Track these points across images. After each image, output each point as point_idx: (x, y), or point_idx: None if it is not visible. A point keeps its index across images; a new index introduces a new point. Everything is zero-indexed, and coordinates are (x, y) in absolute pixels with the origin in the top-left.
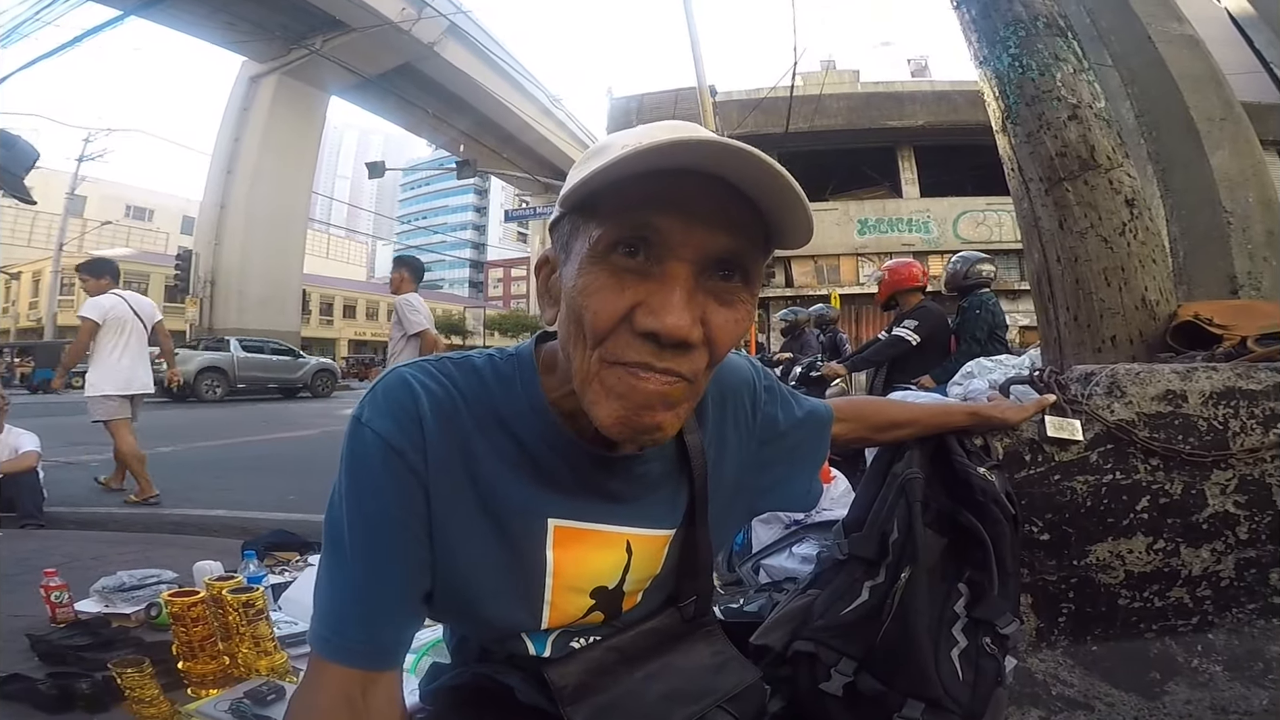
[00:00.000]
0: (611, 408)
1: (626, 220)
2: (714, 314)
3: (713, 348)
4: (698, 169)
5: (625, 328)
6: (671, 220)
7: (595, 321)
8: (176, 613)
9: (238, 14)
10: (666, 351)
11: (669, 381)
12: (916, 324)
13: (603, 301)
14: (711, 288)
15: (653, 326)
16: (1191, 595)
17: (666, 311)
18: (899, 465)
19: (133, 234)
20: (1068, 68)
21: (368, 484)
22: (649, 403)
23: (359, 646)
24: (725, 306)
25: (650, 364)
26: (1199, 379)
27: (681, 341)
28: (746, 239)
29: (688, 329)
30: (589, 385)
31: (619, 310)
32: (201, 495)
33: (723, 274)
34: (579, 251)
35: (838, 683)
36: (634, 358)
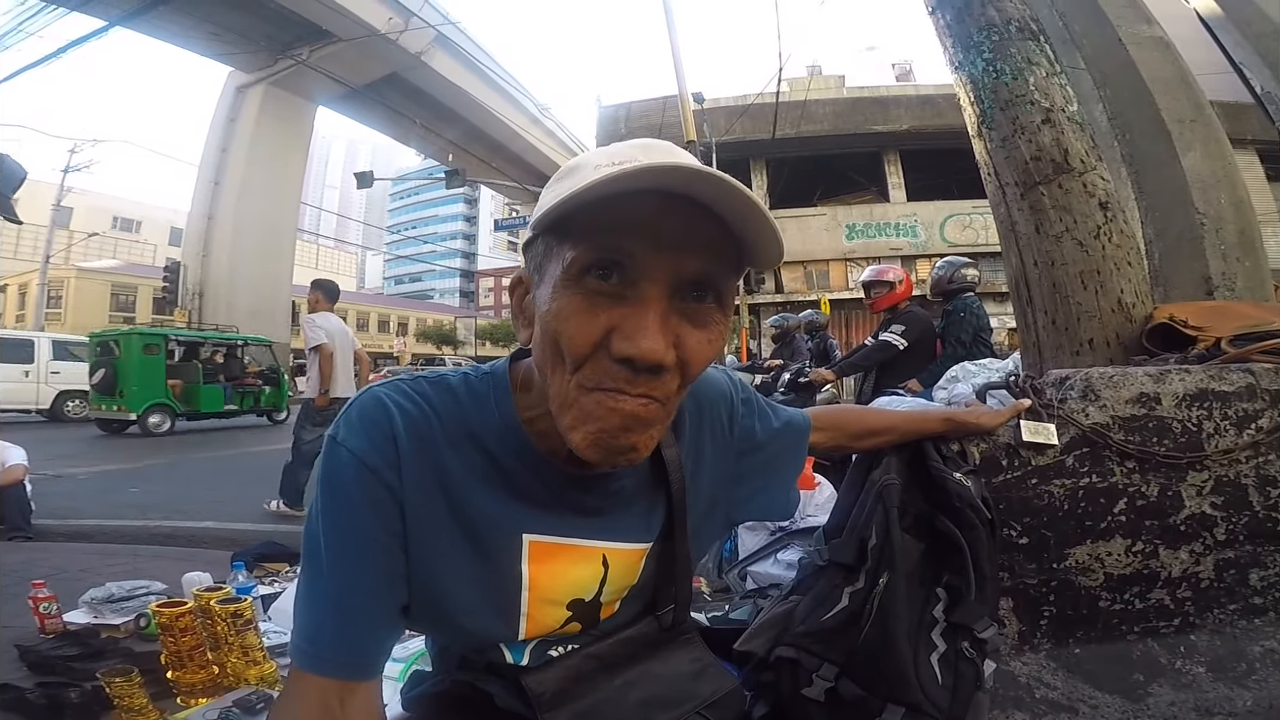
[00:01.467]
0: (588, 431)
1: (599, 243)
2: (687, 335)
3: (685, 369)
4: (669, 190)
5: (602, 352)
6: (644, 243)
7: (572, 346)
8: (165, 623)
9: (223, 24)
10: (641, 376)
11: (644, 404)
12: (904, 329)
13: (578, 326)
14: (685, 309)
15: (628, 352)
16: (1172, 597)
17: (641, 336)
18: (876, 472)
19: (120, 246)
20: (1041, 71)
21: (343, 501)
22: (624, 425)
23: (336, 657)
24: (698, 328)
25: (624, 388)
26: (1172, 381)
27: (656, 365)
28: (718, 260)
29: (662, 353)
30: (568, 410)
31: (594, 335)
32: (191, 507)
33: (695, 295)
34: (553, 274)
35: (819, 688)
36: (610, 383)
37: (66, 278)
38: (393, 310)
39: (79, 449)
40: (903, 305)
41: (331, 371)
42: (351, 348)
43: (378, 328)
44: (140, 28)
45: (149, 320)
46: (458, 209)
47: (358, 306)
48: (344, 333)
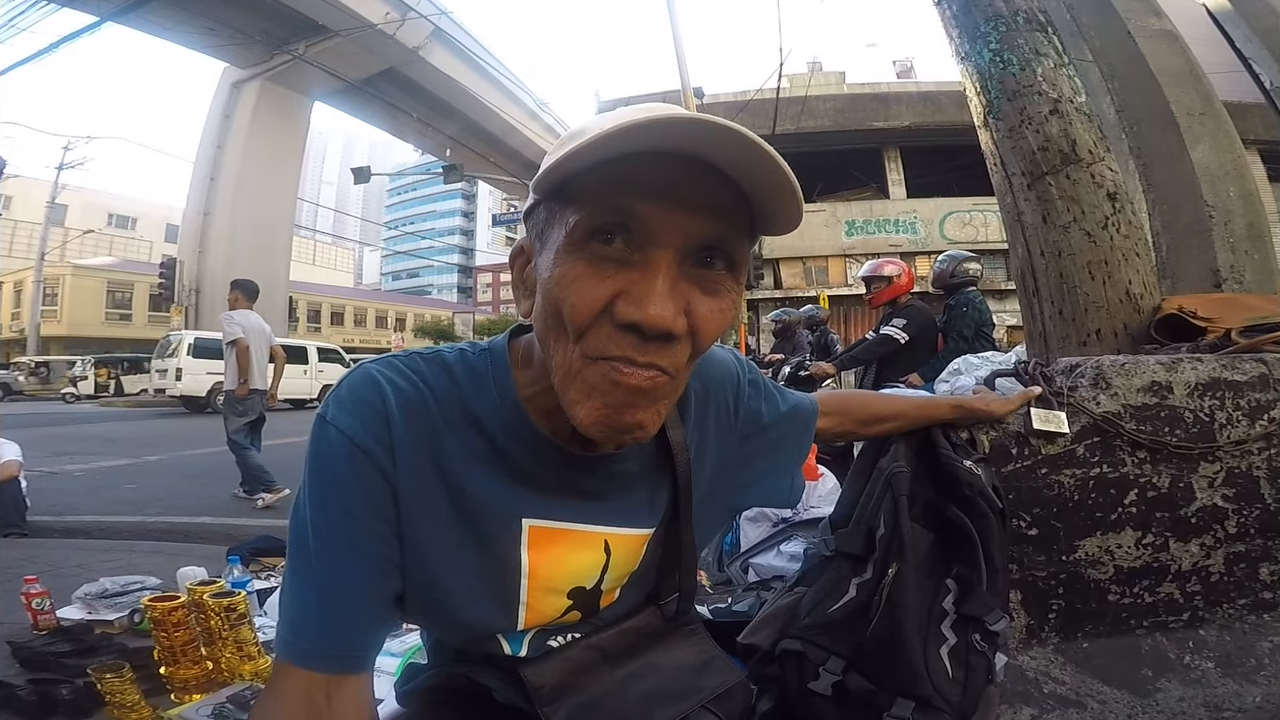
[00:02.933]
0: (592, 407)
1: (604, 205)
2: (698, 303)
3: (696, 339)
4: (677, 151)
5: (606, 319)
6: (652, 205)
7: (574, 314)
8: (157, 618)
9: (218, 19)
10: (650, 344)
11: (651, 376)
12: (905, 322)
13: (581, 292)
14: (695, 275)
15: (635, 317)
16: (1182, 590)
17: (649, 301)
18: (885, 460)
19: (116, 243)
20: (1048, 62)
21: (332, 484)
22: (631, 400)
23: (323, 650)
24: (710, 295)
25: (632, 358)
26: (1184, 370)
27: (665, 332)
28: (730, 224)
29: (671, 319)
30: (571, 383)
31: (599, 301)
32: (187, 502)
33: (706, 260)
34: (555, 240)
35: (826, 682)
36: (616, 351)
37: (62, 275)
38: (390, 306)
39: (75, 445)
40: (903, 299)
41: (248, 364)
42: (268, 343)
43: (375, 323)
44: (133, 23)
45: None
46: (455, 204)
47: (355, 302)
48: (261, 329)
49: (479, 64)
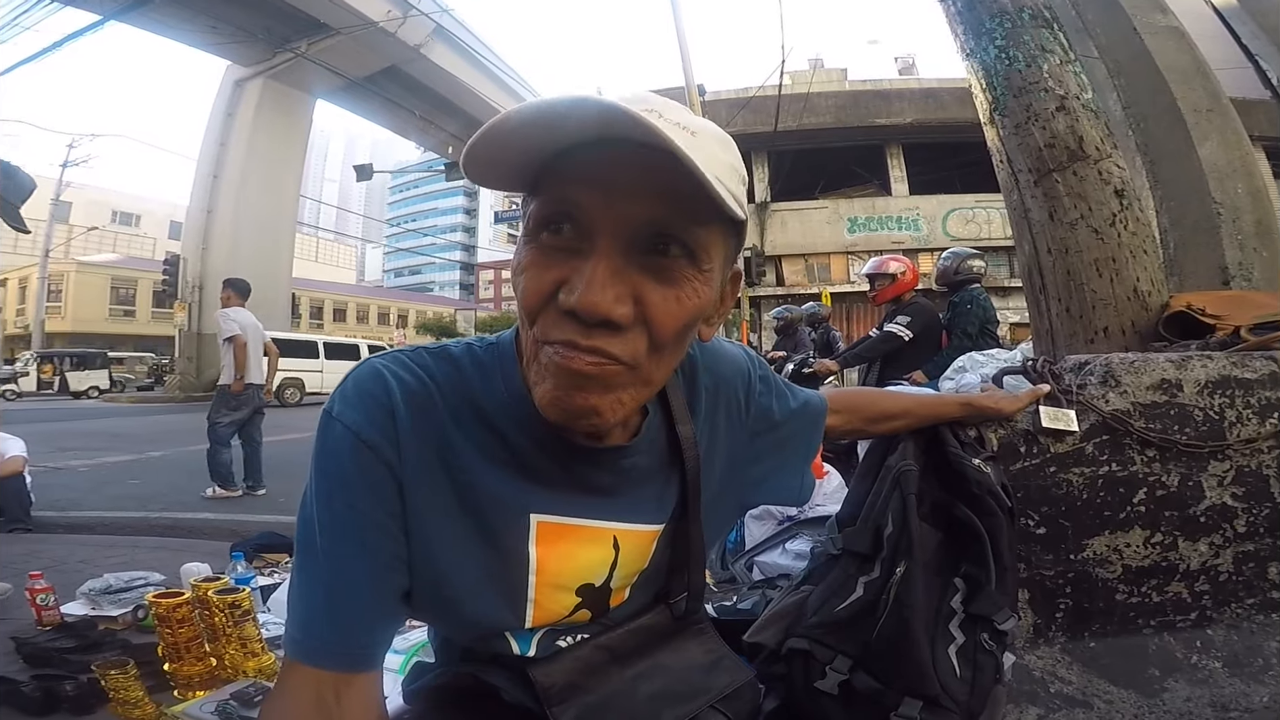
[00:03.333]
0: (544, 389)
1: (551, 197)
2: (650, 291)
3: (651, 328)
4: (617, 137)
5: (553, 306)
6: (593, 194)
7: (525, 299)
8: (161, 614)
9: (220, 17)
10: (595, 331)
11: (595, 362)
12: (909, 320)
13: (530, 279)
14: (647, 264)
15: (569, 304)
16: (1190, 590)
17: (585, 289)
18: (893, 458)
19: (119, 240)
20: (1054, 59)
21: (338, 479)
22: (577, 384)
23: (331, 647)
24: (664, 284)
25: (574, 342)
26: (1194, 368)
27: (603, 319)
28: (681, 209)
29: (608, 306)
30: (530, 367)
31: (544, 288)
32: (190, 498)
33: (659, 248)
34: (522, 230)
35: (833, 681)
36: (559, 336)
37: (66, 272)
38: (392, 303)
39: (80, 441)
40: (907, 296)
41: (245, 360)
42: (262, 339)
43: (377, 320)
44: (136, 22)
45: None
46: (457, 202)
47: (357, 299)
48: (255, 326)
49: (481, 62)
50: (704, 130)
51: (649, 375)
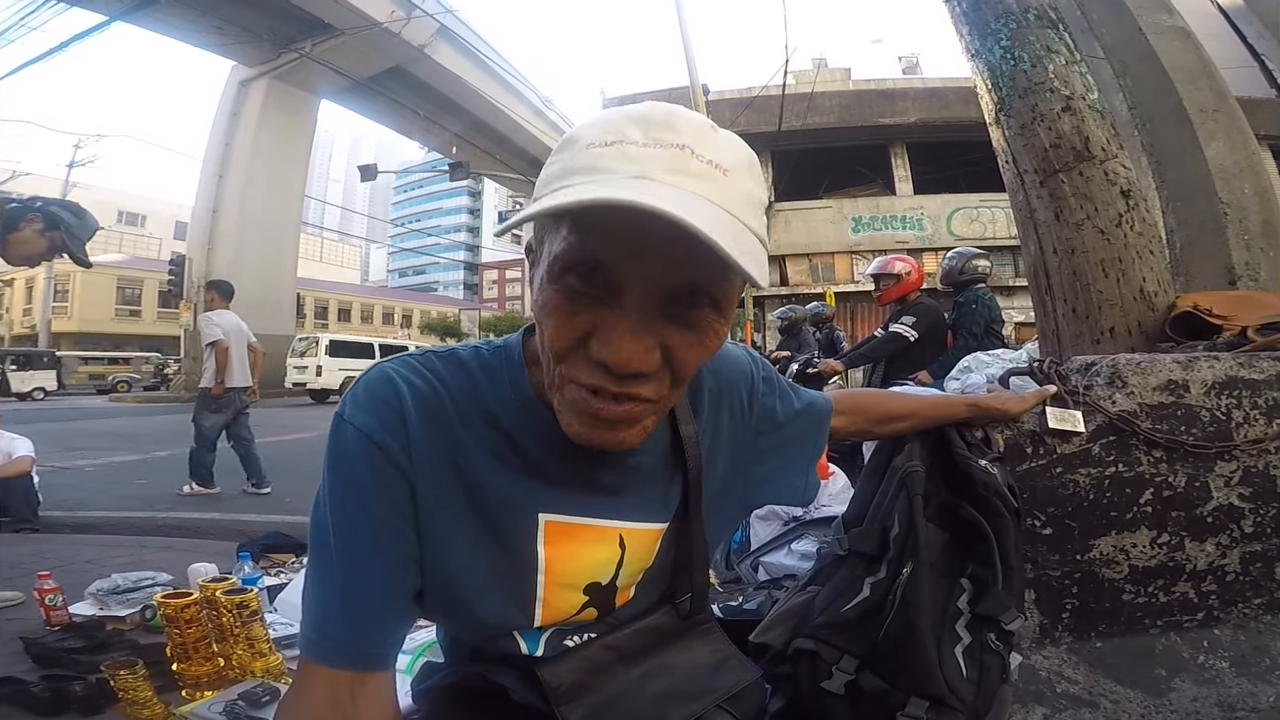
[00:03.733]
0: (569, 422)
1: (582, 246)
2: (674, 338)
3: (675, 369)
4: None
5: (581, 352)
6: (626, 250)
7: (552, 341)
8: (170, 614)
9: (225, 18)
10: (624, 380)
11: (626, 409)
12: (914, 320)
13: (558, 325)
14: (674, 315)
15: (605, 358)
16: (1197, 590)
17: (618, 343)
18: (899, 458)
19: (125, 240)
20: (1060, 59)
21: (351, 482)
22: (607, 425)
23: (346, 648)
24: (688, 330)
25: (606, 388)
26: (1201, 368)
27: (635, 373)
28: (713, 269)
29: (640, 361)
30: (553, 393)
31: (573, 335)
32: (198, 499)
33: (689, 301)
34: (544, 260)
35: (839, 681)
36: (589, 381)
37: (73, 272)
38: (397, 303)
39: (86, 441)
40: (913, 296)
41: (227, 364)
42: (245, 341)
43: (382, 320)
44: (142, 22)
45: (155, 314)
46: (461, 202)
47: (362, 299)
48: (238, 328)
49: (484, 62)
50: (736, 165)
51: (667, 404)
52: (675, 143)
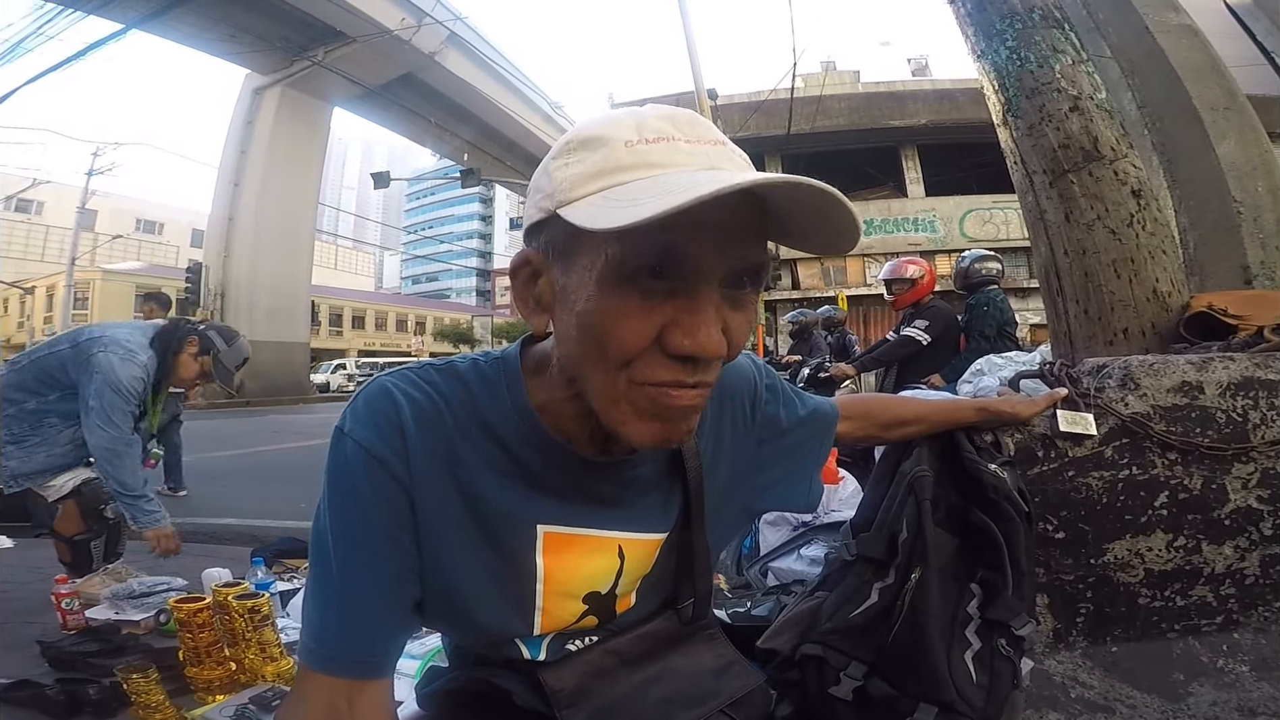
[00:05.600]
0: (644, 426)
1: (654, 241)
2: (731, 320)
3: (730, 351)
4: None
5: (655, 350)
6: (702, 241)
7: (622, 347)
8: (183, 619)
9: (239, 26)
10: (699, 368)
11: (700, 394)
12: (927, 324)
13: (631, 327)
14: (729, 296)
15: (690, 350)
16: (1215, 594)
17: (702, 333)
18: (907, 463)
19: (143, 248)
20: (1066, 59)
21: (350, 494)
22: (683, 416)
23: (344, 656)
24: (739, 310)
25: (682, 381)
26: (1215, 369)
27: (717, 358)
28: (762, 247)
29: (718, 347)
30: (616, 405)
31: (648, 334)
32: (211, 504)
33: (741, 282)
34: (589, 267)
35: (847, 687)
36: (666, 377)
37: (92, 279)
38: (410, 310)
39: None
40: (926, 299)
41: None
42: None
43: (395, 327)
44: (157, 30)
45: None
46: (473, 208)
47: (376, 306)
48: None
49: (494, 68)
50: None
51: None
52: (712, 139)
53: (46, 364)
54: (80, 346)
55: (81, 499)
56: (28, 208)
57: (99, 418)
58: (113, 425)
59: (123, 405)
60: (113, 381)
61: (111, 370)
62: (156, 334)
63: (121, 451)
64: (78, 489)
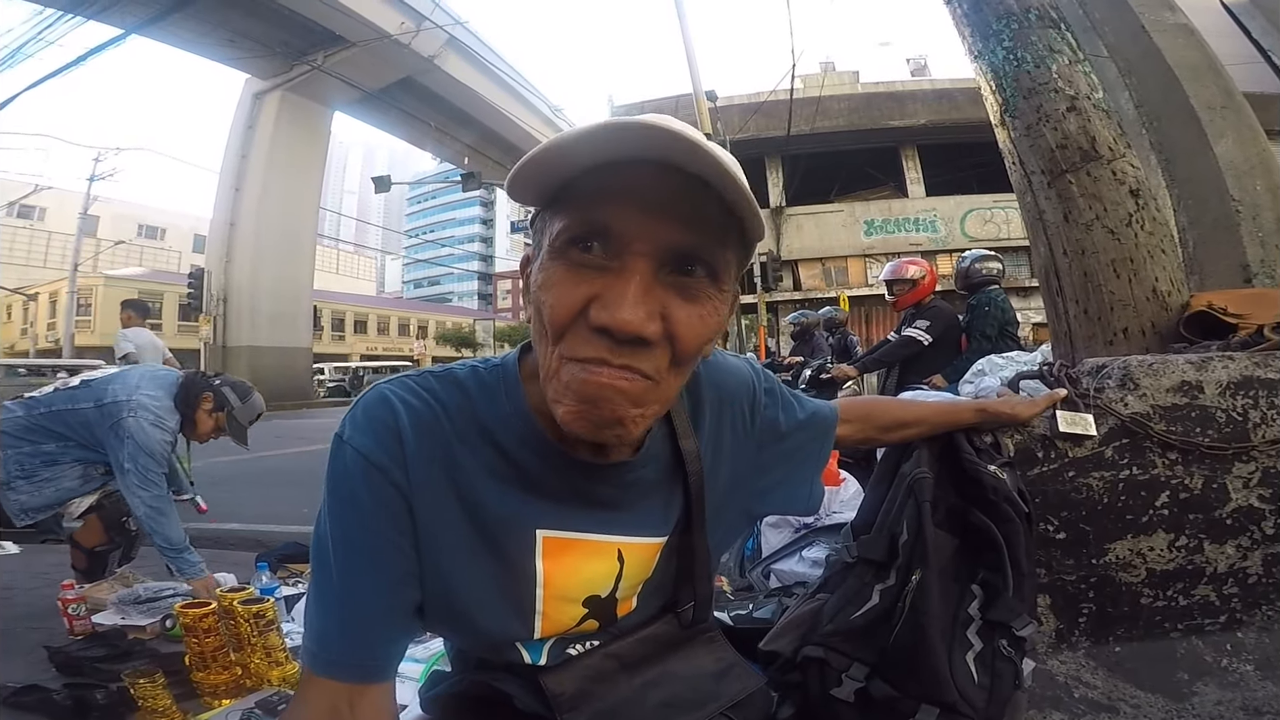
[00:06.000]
0: (570, 403)
1: (582, 214)
2: (676, 309)
3: (675, 344)
4: (654, 160)
5: (582, 322)
6: (626, 213)
7: (553, 315)
8: (188, 624)
9: (238, 30)
10: (623, 348)
11: (626, 377)
12: (929, 324)
13: (559, 295)
14: (673, 282)
15: (604, 321)
16: (1218, 593)
17: (619, 306)
18: (907, 465)
19: (145, 253)
20: (1063, 59)
21: (350, 501)
22: (605, 396)
23: (345, 660)
24: (688, 302)
25: (606, 359)
26: (1215, 369)
27: (635, 336)
28: (708, 233)
29: (640, 323)
30: (550, 382)
31: (574, 304)
32: (216, 509)
33: (686, 269)
34: (544, 246)
35: (849, 688)
36: (589, 353)
37: (94, 285)
38: (412, 314)
39: None
40: (928, 299)
41: None
42: (161, 356)
43: (398, 331)
44: (157, 35)
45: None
46: (474, 212)
47: (378, 311)
48: (153, 345)
49: (494, 72)
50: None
51: (668, 390)
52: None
53: (68, 419)
54: (106, 409)
55: (104, 512)
56: (30, 214)
57: (137, 479)
58: (151, 485)
59: (156, 467)
60: (145, 446)
61: (142, 434)
62: (178, 391)
63: (164, 509)
64: (99, 502)
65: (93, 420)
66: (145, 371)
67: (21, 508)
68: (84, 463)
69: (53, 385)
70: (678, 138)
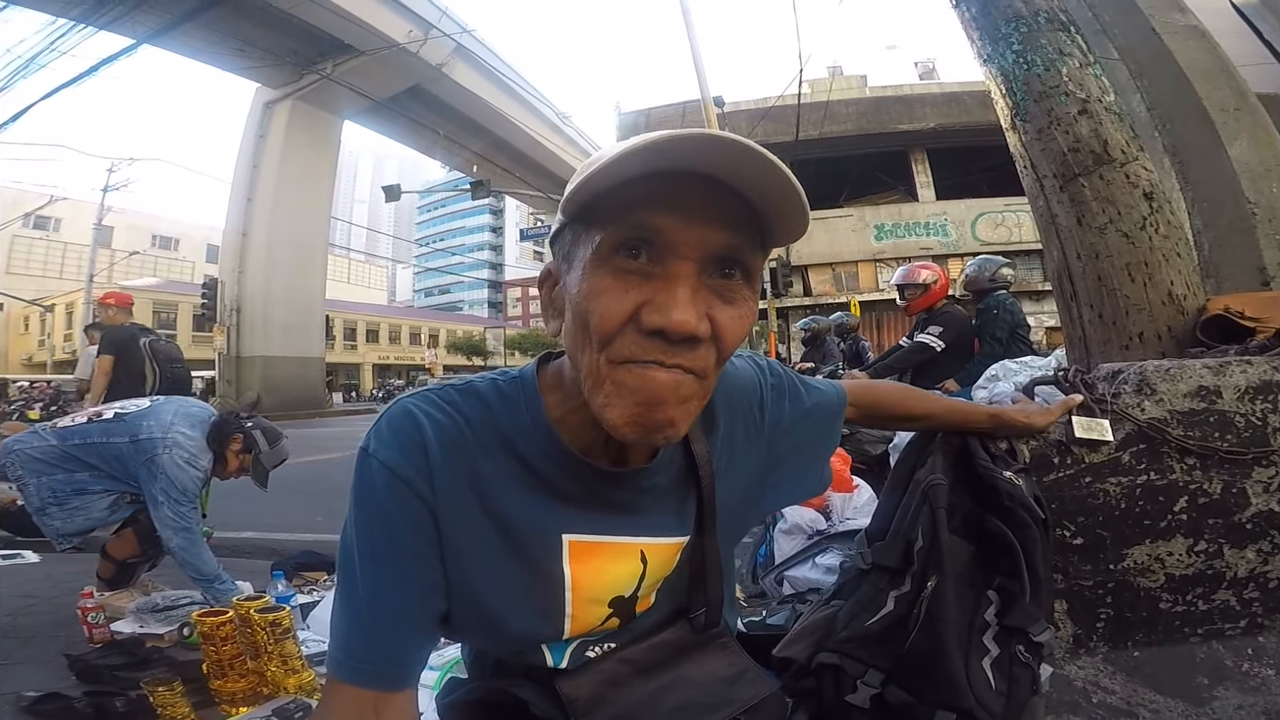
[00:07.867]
0: (624, 406)
1: (627, 222)
2: (719, 311)
3: (720, 344)
4: (691, 170)
5: (632, 328)
6: (671, 219)
7: (602, 323)
8: (206, 632)
9: (248, 40)
10: (676, 348)
11: (679, 375)
12: (941, 329)
13: (608, 303)
14: (714, 285)
15: (660, 323)
16: (1238, 598)
17: (673, 308)
18: (922, 471)
19: (160, 264)
20: (1073, 62)
21: (376, 512)
22: (662, 396)
23: (371, 668)
24: (729, 304)
25: (661, 360)
26: (1233, 373)
27: (690, 336)
28: (744, 235)
29: (694, 324)
30: (600, 388)
31: (625, 311)
32: (231, 517)
33: (725, 271)
34: (582, 258)
35: (864, 695)
36: (644, 356)
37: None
38: (424, 323)
39: None
40: (939, 304)
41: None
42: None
43: (409, 340)
44: (168, 45)
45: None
46: (484, 220)
47: (389, 320)
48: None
49: (501, 80)
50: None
51: (709, 386)
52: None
53: (102, 451)
54: (140, 445)
55: (140, 526)
56: (45, 225)
57: (171, 510)
58: (184, 518)
59: (189, 503)
60: (179, 482)
61: (176, 470)
62: (211, 430)
63: (197, 541)
64: (135, 516)
65: (127, 454)
66: (178, 408)
67: (58, 533)
68: (113, 493)
69: (85, 415)
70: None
